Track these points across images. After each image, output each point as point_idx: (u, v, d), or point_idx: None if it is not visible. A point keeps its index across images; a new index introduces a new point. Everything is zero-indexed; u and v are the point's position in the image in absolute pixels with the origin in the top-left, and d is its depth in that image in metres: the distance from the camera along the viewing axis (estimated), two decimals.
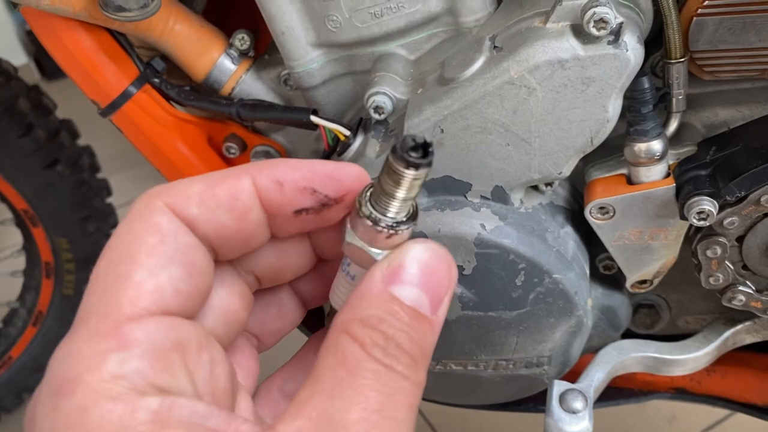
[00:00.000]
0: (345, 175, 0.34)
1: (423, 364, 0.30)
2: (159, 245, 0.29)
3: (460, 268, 0.59)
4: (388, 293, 0.30)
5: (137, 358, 0.26)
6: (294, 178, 0.33)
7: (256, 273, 0.37)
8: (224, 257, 0.34)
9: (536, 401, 0.73)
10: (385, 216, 0.33)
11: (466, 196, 0.59)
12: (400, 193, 0.32)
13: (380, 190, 0.33)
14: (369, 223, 0.33)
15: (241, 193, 0.32)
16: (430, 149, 0.31)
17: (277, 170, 0.33)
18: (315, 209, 0.34)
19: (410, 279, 0.31)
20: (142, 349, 0.26)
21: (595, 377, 0.63)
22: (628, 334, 0.72)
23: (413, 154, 0.31)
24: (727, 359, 0.72)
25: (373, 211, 0.33)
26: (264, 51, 0.71)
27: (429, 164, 0.31)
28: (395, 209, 0.33)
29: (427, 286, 0.31)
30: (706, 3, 0.55)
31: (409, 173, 0.31)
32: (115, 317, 0.27)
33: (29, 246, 1.27)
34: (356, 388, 0.27)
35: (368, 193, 0.34)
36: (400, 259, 0.32)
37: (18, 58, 2.44)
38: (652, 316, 0.73)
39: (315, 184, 0.33)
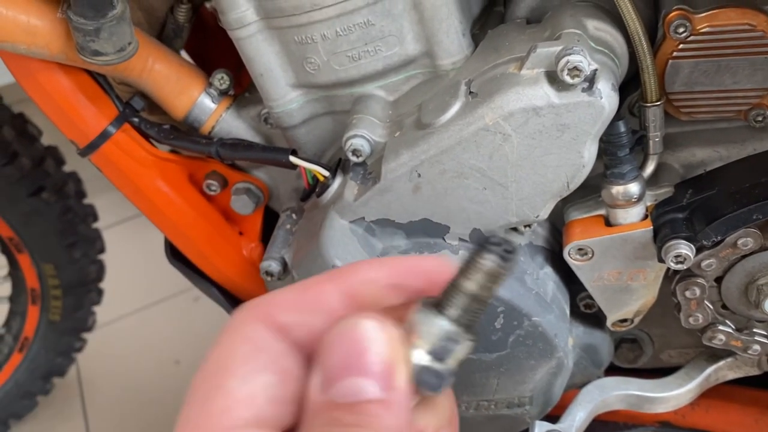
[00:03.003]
0: (428, 267, 0.32)
1: None
2: (251, 354, 0.29)
3: None
4: (325, 401, 0.28)
5: None
6: (380, 276, 0.31)
7: None
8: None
9: None
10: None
11: (444, 239, 0.59)
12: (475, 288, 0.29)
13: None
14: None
15: (327, 296, 0.31)
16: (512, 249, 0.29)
17: (362, 271, 0.32)
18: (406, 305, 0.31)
19: (336, 371, 0.28)
20: None
21: (577, 417, 0.63)
22: (611, 368, 0.72)
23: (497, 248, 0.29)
24: (711, 393, 0.71)
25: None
26: (244, 89, 0.71)
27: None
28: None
29: (357, 368, 0.27)
30: (680, 46, 0.55)
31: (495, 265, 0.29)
32: (207, 427, 0.27)
33: (15, 272, 1.26)
34: None
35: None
36: (323, 357, 0.29)
37: (4, 77, 2.43)
38: (635, 351, 0.73)
39: (402, 281, 0.31)
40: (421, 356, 0.29)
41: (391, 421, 0.28)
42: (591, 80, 0.51)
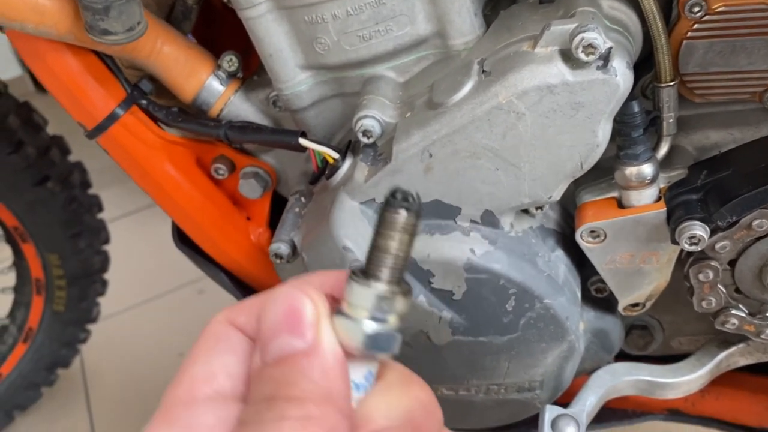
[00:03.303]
0: None
1: (314, 395, 0.29)
2: (213, 343, 0.34)
3: (450, 293, 0.59)
4: (260, 365, 0.31)
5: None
6: (318, 284, 0.34)
7: None
8: None
9: (528, 425, 0.72)
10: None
11: (455, 220, 0.58)
12: (393, 245, 0.31)
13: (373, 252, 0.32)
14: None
15: None
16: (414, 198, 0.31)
17: (307, 280, 0.34)
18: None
19: (266, 337, 0.31)
20: (182, 424, 0.30)
21: (588, 402, 0.63)
22: (621, 356, 0.72)
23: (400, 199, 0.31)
24: (721, 381, 0.71)
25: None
26: (253, 72, 0.70)
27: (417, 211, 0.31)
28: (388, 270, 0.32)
29: (283, 329, 0.31)
30: (695, 26, 0.55)
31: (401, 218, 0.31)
32: (168, 404, 0.31)
33: (20, 262, 1.26)
34: None
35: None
36: (259, 331, 0.32)
37: (12, 70, 2.43)
38: (645, 338, 0.73)
39: (335, 290, 0.34)
40: (361, 322, 0.31)
41: (317, 374, 0.30)
42: (606, 58, 0.50)
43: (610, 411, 0.77)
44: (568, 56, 0.50)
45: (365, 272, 0.31)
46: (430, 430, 0.32)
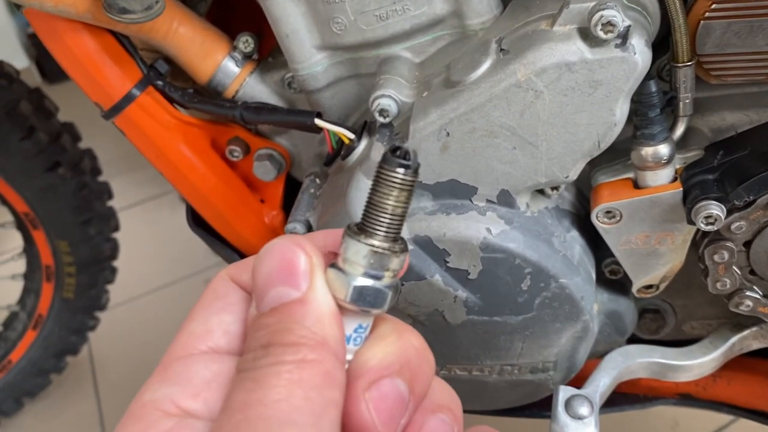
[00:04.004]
0: None
1: (309, 341, 0.30)
2: (213, 301, 0.34)
3: (466, 273, 0.59)
4: (256, 316, 0.31)
5: (169, 387, 0.31)
6: (323, 244, 0.34)
7: None
8: None
9: (541, 407, 0.72)
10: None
11: (471, 200, 0.58)
12: (390, 202, 0.31)
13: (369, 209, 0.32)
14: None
15: None
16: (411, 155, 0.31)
17: (311, 239, 0.34)
18: None
19: (261, 289, 0.31)
20: (176, 379, 0.31)
21: (601, 383, 0.63)
22: (633, 340, 0.72)
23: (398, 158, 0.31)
24: (733, 365, 0.71)
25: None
26: (268, 54, 0.70)
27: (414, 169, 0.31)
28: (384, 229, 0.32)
29: (277, 279, 0.31)
30: (713, 6, 0.55)
31: (398, 174, 0.31)
32: (166, 360, 0.32)
33: (30, 249, 1.27)
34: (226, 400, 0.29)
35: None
36: (253, 283, 0.32)
37: (19, 61, 2.44)
38: (658, 321, 0.73)
39: (337, 248, 0.34)
40: (351, 276, 0.31)
41: (311, 320, 0.30)
42: (624, 36, 0.50)
43: (622, 395, 0.78)
44: (586, 34, 0.51)
45: (361, 228, 0.32)
46: (424, 375, 0.33)
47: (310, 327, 0.30)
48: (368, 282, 0.31)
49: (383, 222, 0.31)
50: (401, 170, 0.31)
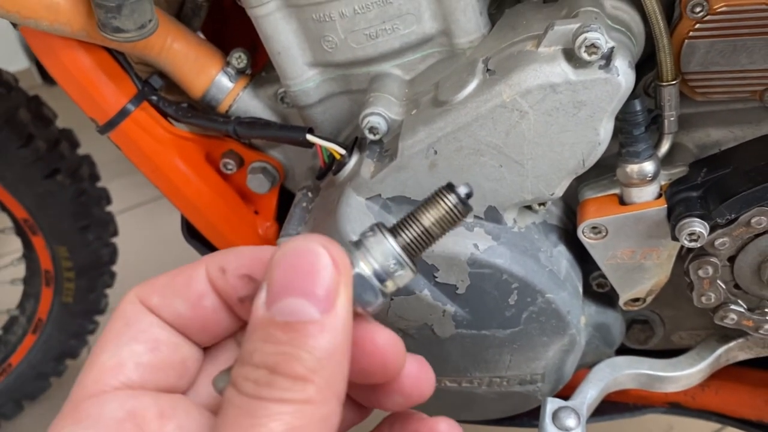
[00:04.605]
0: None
1: (317, 377, 0.28)
2: (122, 328, 0.33)
3: (454, 288, 0.60)
4: (266, 317, 0.29)
5: (81, 430, 0.30)
6: (236, 265, 0.33)
7: None
8: (201, 342, 0.35)
9: (530, 416, 0.74)
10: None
11: None
12: (432, 222, 0.33)
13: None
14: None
15: (194, 281, 0.34)
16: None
17: (223, 258, 0.34)
18: (251, 297, 0.32)
19: (278, 290, 0.28)
20: (91, 421, 0.30)
21: (588, 394, 0.64)
22: (622, 349, 0.73)
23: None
24: (721, 374, 0.72)
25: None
26: (261, 68, 0.71)
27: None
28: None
29: (299, 289, 0.28)
30: (697, 26, 0.56)
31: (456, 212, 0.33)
32: (77, 398, 0.31)
33: (29, 254, 1.28)
34: (221, 428, 0.28)
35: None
36: (270, 274, 0.29)
37: (19, 62, 2.44)
38: (646, 332, 0.74)
39: (253, 271, 0.33)
40: (363, 271, 0.32)
41: (324, 343, 0.28)
42: (608, 57, 0.51)
43: (611, 404, 0.78)
44: (570, 55, 0.51)
45: (391, 229, 0.32)
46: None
47: (321, 359, 0.28)
48: (369, 274, 0.32)
49: (414, 235, 0.33)
50: (457, 201, 0.33)
